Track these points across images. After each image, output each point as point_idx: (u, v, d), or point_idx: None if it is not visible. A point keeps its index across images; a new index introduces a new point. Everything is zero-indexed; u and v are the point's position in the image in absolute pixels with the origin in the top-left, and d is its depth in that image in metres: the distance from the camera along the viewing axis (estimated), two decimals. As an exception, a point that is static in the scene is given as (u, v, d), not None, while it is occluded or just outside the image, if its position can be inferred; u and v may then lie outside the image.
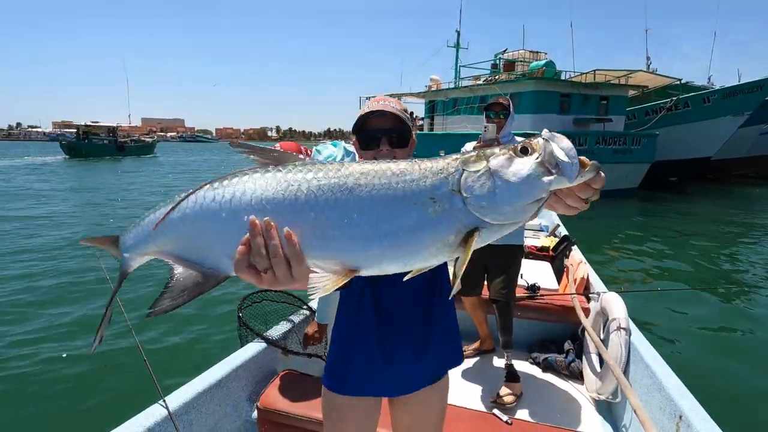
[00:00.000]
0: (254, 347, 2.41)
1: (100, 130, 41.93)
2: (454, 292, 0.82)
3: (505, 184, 0.72)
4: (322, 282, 0.73)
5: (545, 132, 0.75)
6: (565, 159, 0.71)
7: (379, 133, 1.25)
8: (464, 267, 0.73)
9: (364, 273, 0.75)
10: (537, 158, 0.72)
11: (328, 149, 2.44)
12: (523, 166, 0.72)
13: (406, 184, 0.74)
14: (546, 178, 0.71)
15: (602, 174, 0.73)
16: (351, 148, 2.43)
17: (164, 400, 1.79)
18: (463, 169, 0.75)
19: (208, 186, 0.76)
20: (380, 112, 1.24)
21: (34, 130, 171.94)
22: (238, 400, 2.24)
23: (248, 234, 0.70)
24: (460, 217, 0.73)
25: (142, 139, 53.14)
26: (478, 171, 0.74)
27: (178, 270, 0.79)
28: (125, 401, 3.35)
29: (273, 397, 2.19)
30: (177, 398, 1.90)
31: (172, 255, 0.79)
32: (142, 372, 1.82)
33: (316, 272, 0.74)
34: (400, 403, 1.39)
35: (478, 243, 0.74)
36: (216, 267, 0.76)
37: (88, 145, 39.27)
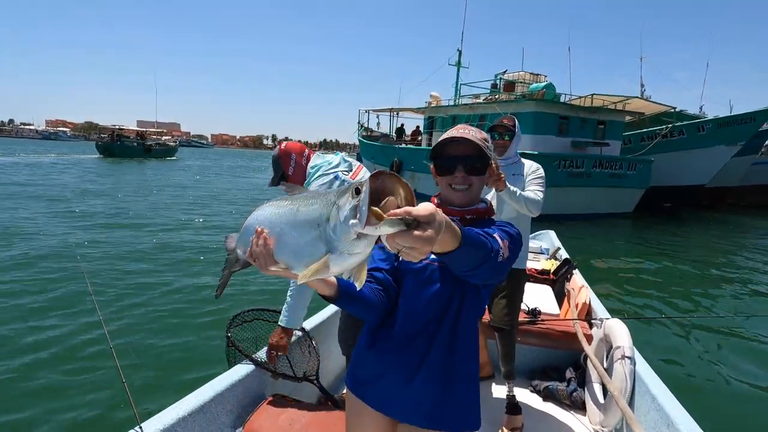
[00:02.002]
0: (242, 369, 2.26)
1: (130, 134, 47.41)
2: (300, 282, 0.91)
3: (337, 220, 0.84)
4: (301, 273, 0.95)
5: (370, 176, 0.82)
6: (360, 206, 0.78)
7: (455, 161, 1.28)
8: (315, 276, 0.88)
9: (295, 272, 0.99)
10: (355, 202, 0.81)
11: (326, 157, 2.50)
12: (345, 207, 0.83)
13: (312, 213, 0.93)
14: (352, 221, 0.81)
15: (411, 235, 0.74)
16: (349, 159, 2.52)
17: (140, 427, 1.65)
18: (335, 202, 0.88)
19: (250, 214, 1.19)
20: (459, 139, 1.26)
21: (27, 127, 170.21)
22: (222, 427, 2.06)
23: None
24: (327, 242, 0.88)
25: (167, 143, 56.91)
26: (336, 204, 0.86)
27: (233, 255, 1.29)
28: (100, 425, 3.12)
29: (259, 423, 2.05)
30: (155, 424, 1.74)
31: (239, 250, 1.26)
32: (121, 394, 1.69)
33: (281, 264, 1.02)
34: None
35: (332, 265, 0.88)
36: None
37: (119, 146, 43.53)
